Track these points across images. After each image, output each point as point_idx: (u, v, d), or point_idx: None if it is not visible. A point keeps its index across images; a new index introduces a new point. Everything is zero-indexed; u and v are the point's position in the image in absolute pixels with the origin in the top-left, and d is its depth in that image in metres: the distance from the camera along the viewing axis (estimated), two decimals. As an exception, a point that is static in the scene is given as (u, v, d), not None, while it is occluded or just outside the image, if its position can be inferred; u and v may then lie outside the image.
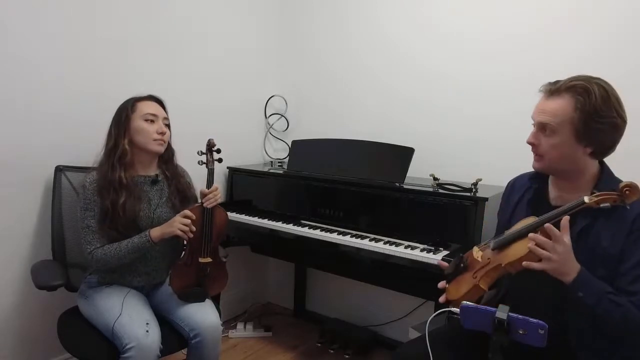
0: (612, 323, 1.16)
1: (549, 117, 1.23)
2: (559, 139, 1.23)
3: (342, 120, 2.70)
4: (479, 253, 1.33)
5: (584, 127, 1.20)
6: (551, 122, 1.23)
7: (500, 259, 1.24)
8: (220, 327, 1.72)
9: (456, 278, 1.36)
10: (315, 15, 2.77)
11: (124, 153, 1.67)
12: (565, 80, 1.24)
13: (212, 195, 1.73)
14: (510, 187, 1.54)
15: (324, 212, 2.23)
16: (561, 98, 1.22)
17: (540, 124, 1.26)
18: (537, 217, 1.23)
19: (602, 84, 1.21)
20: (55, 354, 1.97)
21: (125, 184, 1.64)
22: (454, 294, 1.32)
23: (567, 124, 1.21)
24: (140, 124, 1.69)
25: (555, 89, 1.24)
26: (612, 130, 1.21)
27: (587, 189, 1.27)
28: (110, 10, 2.04)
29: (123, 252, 1.63)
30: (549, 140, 1.25)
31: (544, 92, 1.29)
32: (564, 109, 1.21)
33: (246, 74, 2.76)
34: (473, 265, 1.32)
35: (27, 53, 1.80)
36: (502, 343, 1.04)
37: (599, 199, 1.13)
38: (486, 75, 2.20)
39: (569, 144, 1.23)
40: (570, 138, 1.22)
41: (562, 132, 1.22)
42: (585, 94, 1.19)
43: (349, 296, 2.74)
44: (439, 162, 2.29)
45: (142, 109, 1.70)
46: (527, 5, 2.08)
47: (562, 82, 1.25)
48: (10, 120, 1.78)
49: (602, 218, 1.22)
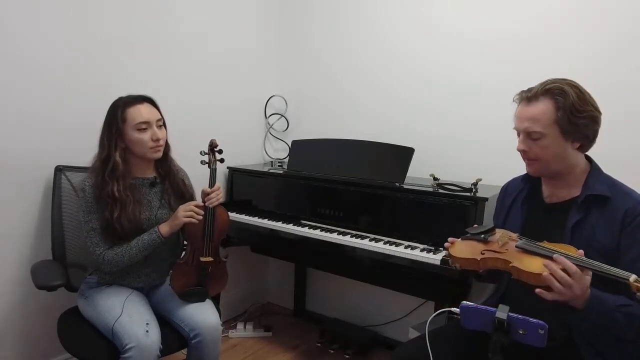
0: (625, 332, 1.19)
1: (533, 122, 1.28)
2: (548, 140, 1.28)
3: (342, 120, 2.70)
4: (504, 239, 1.31)
5: (569, 124, 1.25)
6: (536, 127, 1.27)
7: (513, 257, 1.22)
8: (220, 327, 1.72)
9: (470, 241, 1.35)
10: (315, 15, 2.77)
11: (115, 166, 1.63)
12: (538, 86, 1.30)
13: (214, 194, 1.73)
14: (503, 191, 1.59)
15: (324, 212, 2.23)
16: (541, 102, 1.28)
17: (526, 131, 1.30)
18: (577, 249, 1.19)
19: (572, 84, 1.28)
20: (55, 354, 1.97)
21: (118, 198, 1.61)
22: (456, 251, 1.32)
23: (553, 124, 1.26)
24: (133, 136, 1.65)
25: (532, 95, 1.29)
26: (593, 122, 1.27)
27: (578, 184, 1.34)
28: (110, 11, 2.04)
29: (134, 250, 1.63)
30: (539, 144, 1.29)
31: (522, 100, 1.33)
32: (546, 112, 1.26)
33: (246, 74, 2.76)
34: (491, 243, 1.33)
35: (27, 53, 1.80)
36: (502, 343, 1.04)
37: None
38: (486, 75, 2.20)
39: (558, 143, 1.28)
40: (558, 137, 1.27)
41: (550, 134, 1.27)
42: (562, 94, 1.25)
43: (349, 296, 2.74)
44: (439, 162, 2.28)
45: (134, 118, 1.64)
46: (527, 5, 2.08)
47: (535, 88, 1.30)
48: (10, 121, 1.78)
49: (595, 211, 1.28)
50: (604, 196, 1.28)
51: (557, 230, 1.32)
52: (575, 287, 1.11)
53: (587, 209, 1.29)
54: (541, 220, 1.40)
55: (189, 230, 1.73)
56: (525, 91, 1.32)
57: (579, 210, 1.30)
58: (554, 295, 1.12)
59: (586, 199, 1.29)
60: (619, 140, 1.78)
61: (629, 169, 1.36)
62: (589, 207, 1.29)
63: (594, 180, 1.32)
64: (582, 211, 1.29)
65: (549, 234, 1.30)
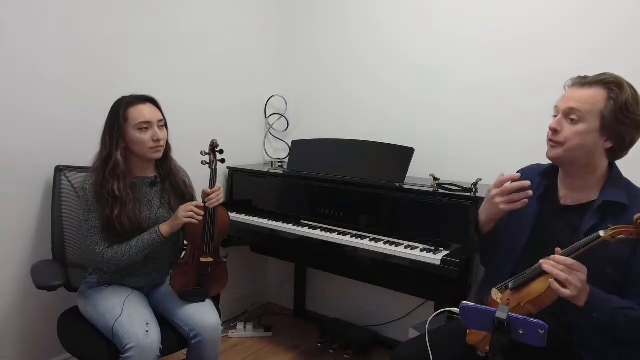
0: (626, 335, 1.19)
1: (580, 103, 1.22)
2: (584, 126, 1.22)
3: (342, 120, 2.70)
4: (498, 295, 1.28)
5: (612, 119, 1.20)
6: (581, 109, 1.22)
7: (519, 298, 1.20)
8: (220, 327, 1.72)
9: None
10: (315, 16, 2.77)
11: (116, 165, 1.63)
12: (595, 75, 1.25)
13: (214, 195, 1.73)
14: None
15: (324, 212, 2.23)
16: (594, 88, 1.23)
17: (569, 110, 1.24)
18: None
19: (631, 85, 1.23)
20: (55, 354, 1.97)
21: (118, 196, 1.62)
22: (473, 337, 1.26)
23: (597, 112, 1.21)
24: (134, 135, 1.65)
25: (587, 82, 1.25)
26: (635, 128, 1.22)
27: (596, 188, 1.28)
28: (111, 11, 2.04)
29: (134, 250, 1.64)
30: (574, 128, 1.23)
31: (574, 84, 1.28)
32: (596, 98, 1.22)
33: (246, 74, 2.76)
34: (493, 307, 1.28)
35: (27, 53, 1.80)
36: (502, 343, 1.04)
37: (614, 232, 1.10)
38: (486, 75, 2.20)
39: (592, 133, 1.22)
40: (596, 128, 1.22)
41: (590, 121, 1.22)
42: (618, 87, 1.20)
43: (349, 296, 2.74)
44: (439, 162, 2.29)
45: (135, 117, 1.64)
46: (527, 5, 2.08)
47: (591, 77, 1.25)
48: (10, 121, 1.78)
49: (610, 218, 1.20)
50: (622, 204, 1.23)
51: (569, 233, 1.26)
52: (580, 275, 1.11)
53: (603, 215, 1.23)
54: (554, 222, 1.35)
55: (189, 231, 1.73)
56: (581, 77, 1.27)
57: (594, 216, 1.24)
58: (571, 287, 1.11)
59: (603, 204, 1.24)
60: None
61: (628, 170, 1.34)
62: (605, 213, 1.23)
63: (612, 186, 1.26)
64: (598, 217, 1.24)
65: (560, 237, 1.26)
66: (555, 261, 1.13)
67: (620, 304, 1.17)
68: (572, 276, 1.11)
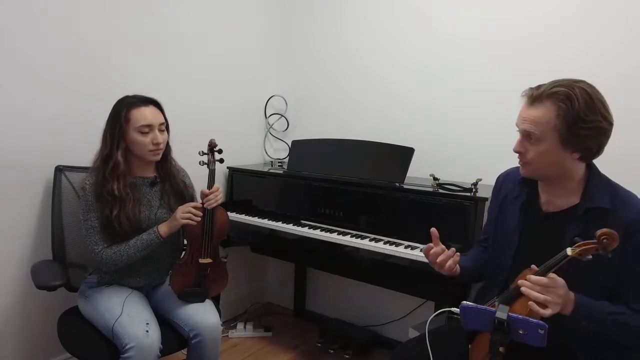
0: (619, 340, 1.20)
1: (534, 125, 1.20)
2: (544, 146, 1.20)
3: (342, 120, 2.70)
4: None
5: (569, 134, 1.17)
6: (535, 131, 1.20)
7: None
8: (220, 327, 1.72)
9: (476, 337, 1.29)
10: (315, 16, 2.77)
11: (116, 165, 1.63)
12: (547, 86, 1.20)
13: (212, 196, 1.72)
14: (500, 182, 1.51)
15: (324, 212, 2.23)
16: (543, 106, 1.19)
17: (525, 132, 1.23)
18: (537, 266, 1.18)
19: (584, 88, 1.17)
20: (55, 354, 1.97)
21: (118, 196, 1.62)
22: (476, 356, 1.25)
23: (551, 131, 1.18)
24: (135, 137, 1.65)
25: (537, 95, 1.20)
26: (598, 134, 1.17)
27: (577, 192, 1.26)
28: (111, 11, 2.04)
29: (132, 250, 1.63)
30: (535, 148, 1.22)
31: (527, 98, 1.24)
32: (546, 117, 1.18)
33: (246, 74, 2.76)
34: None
35: (27, 53, 1.80)
36: (502, 343, 1.04)
37: (581, 249, 1.07)
38: (486, 75, 2.20)
39: (555, 151, 1.20)
40: (556, 145, 1.19)
41: (547, 140, 1.19)
42: (567, 101, 1.15)
43: (349, 296, 2.74)
44: (439, 162, 2.28)
45: (137, 120, 1.64)
46: (527, 5, 2.08)
47: (543, 88, 1.20)
48: (10, 121, 1.78)
49: (596, 223, 1.13)
50: (605, 209, 1.21)
51: (555, 242, 1.22)
52: (558, 290, 1.10)
53: (587, 221, 1.21)
54: (539, 231, 1.33)
55: (188, 231, 1.73)
56: (534, 88, 1.23)
57: (578, 223, 1.23)
58: (551, 305, 1.09)
59: (586, 211, 1.22)
60: (618, 140, 1.78)
61: (629, 170, 1.35)
62: (589, 218, 1.21)
63: (593, 188, 1.24)
64: (582, 224, 1.22)
65: (546, 246, 1.22)
66: (532, 282, 1.12)
67: (609, 309, 1.16)
68: (550, 295, 1.09)
